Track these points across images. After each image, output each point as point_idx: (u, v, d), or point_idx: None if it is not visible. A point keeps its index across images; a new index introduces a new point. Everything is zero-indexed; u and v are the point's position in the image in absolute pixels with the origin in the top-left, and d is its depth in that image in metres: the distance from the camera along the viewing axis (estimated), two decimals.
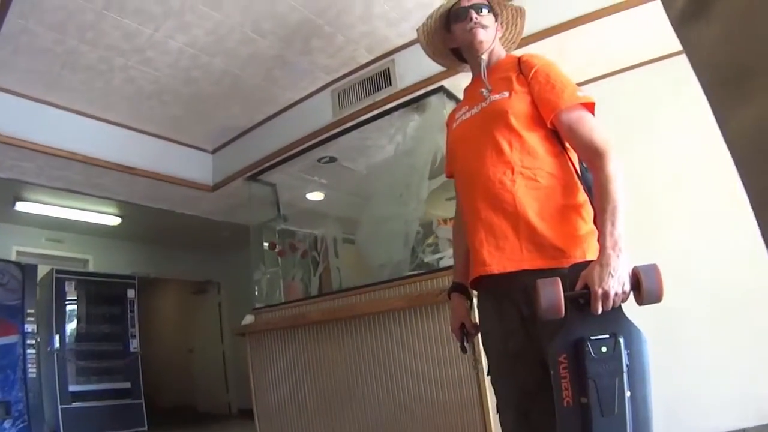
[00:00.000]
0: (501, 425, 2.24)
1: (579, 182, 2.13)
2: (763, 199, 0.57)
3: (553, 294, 1.75)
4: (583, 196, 2.11)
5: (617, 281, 1.76)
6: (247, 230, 6.90)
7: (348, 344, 4.57)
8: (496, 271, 2.10)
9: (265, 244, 6.43)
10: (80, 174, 6.00)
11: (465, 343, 2.46)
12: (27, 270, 7.59)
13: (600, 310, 1.77)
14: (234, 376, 11.04)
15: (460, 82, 4.46)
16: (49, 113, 5.35)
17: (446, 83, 4.68)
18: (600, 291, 1.76)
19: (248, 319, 5.59)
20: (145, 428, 8.32)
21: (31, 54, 4.59)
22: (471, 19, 2.35)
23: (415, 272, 4.65)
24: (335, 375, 4.65)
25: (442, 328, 3.98)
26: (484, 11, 2.37)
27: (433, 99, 4.89)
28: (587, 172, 2.13)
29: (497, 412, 2.26)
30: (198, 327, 12.32)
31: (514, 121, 2.14)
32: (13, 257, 8.39)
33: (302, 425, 4.88)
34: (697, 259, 4.08)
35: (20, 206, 7.61)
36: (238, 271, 10.26)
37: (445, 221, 4.81)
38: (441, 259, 4.72)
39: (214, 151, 6.76)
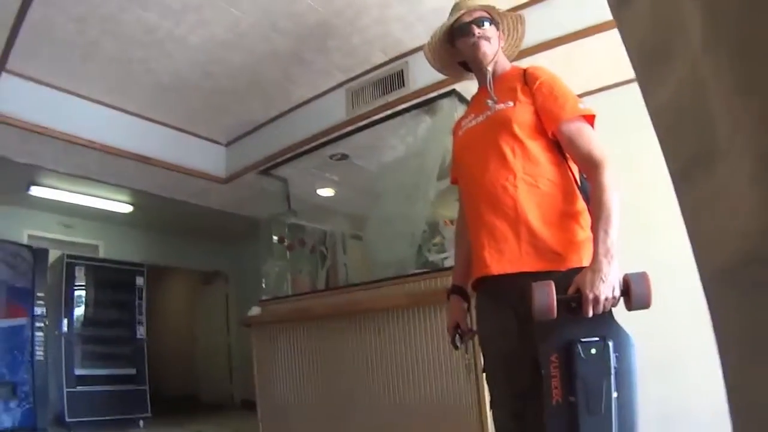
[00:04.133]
0: (494, 421, 2.34)
1: (578, 191, 2.21)
2: (680, 173, 0.61)
3: (546, 296, 1.83)
4: (581, 204, 2.18)
5: (608, 286, 1.84)
6: (256, 223, 6.95)
7: (351, 340, 4.59)
8: (495, 273, 2.18)
9: (275, 238, 6.47)
10: (96, 162, 6.08)
11: (458, 342, 2.54)
12: (38, 254, 7.64)
13: (590, 314, 1.85)
14: (238, 367, 11.03)
15: (470, 87, 4.48)
16: (68, 102, 5.42)
17: (458, 87, 4.69)
18: (591, 295, 1.83)
19: (255, 310, 5.60)
20: (149, 414, 8.34)
21: (53, 43, 4.65)
22: (474, 34, 2.40)
23: (420, 271, 4.66)
24: (337, 370, 4.68)
25: (443, 328, 3.86)
26: (486, 24, 2.43)
27: (445, 102, 4.92)
28: (586, 181, 2.19)
29: (491, 408, 2.37)
30: (204, 317, 12.33)
31: (517, 130, 2.21)
32: (25, 241, 8.41)
33: (303, 419, 4.91)
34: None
35: (34, 191, 7.63)
36: (245, 263, 10.37)
37: (451, 222, 4.75)
38: (445, 258, 4.73)
39: (228, 144, 6.82)
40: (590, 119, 2.21)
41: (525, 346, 2.10)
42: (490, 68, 2.41)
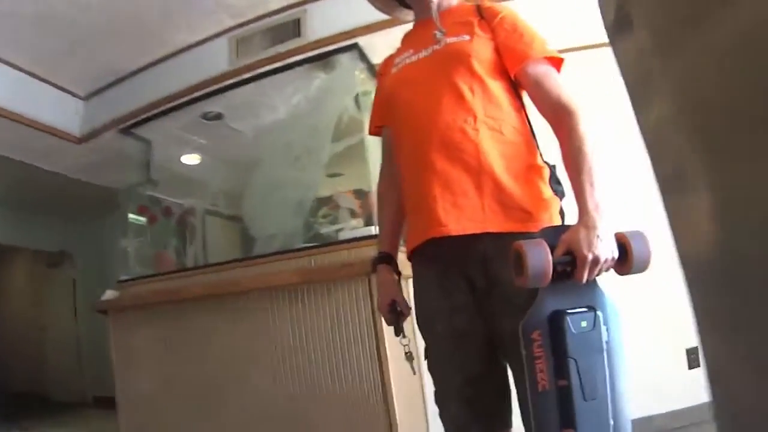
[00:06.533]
0: (442, 419, 2.04)
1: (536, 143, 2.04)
2: (665, 187, 0.71)
3: (542, 258, 1.56)
4: (541, 159, 2.02)
5: (606, 246, 1.63)
6: (109, 196, 6.48)
7: (232, 324, 4.15)
8: (454, 233, 1.89)
9: (131, 216, 5.82)
10: None
11: (397, 324, 2.23)
12: None
13: (586, 279, 1.63)
14: (89, 360, 10.20)
15: (375, 43, 4.21)
16: None
17: (361, 41, 4.47)
18: (590, 256, 1.60)
19: (110, 293, 4.97)
20: None
21: None
22: None
23: (310, 245, 4.27)
24: (213, 359, 4.20)
25: (339, 309, 3.69)
26: None
27: (344, 57, 4.66)
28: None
29: (437, 403, 2.06)
30: (51, 304, 11.48)
31: (476, 66, 1.97)
32: None
33: (176, 416, 4.36)
34: None
35: None
36: (95, 242, 9.76)
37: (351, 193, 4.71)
38: (340, 230, 4.40)
39: (87, 97, 5.99)
40: (558, 63, 2.02)
41: (480, 325, 1.92)
42: None
